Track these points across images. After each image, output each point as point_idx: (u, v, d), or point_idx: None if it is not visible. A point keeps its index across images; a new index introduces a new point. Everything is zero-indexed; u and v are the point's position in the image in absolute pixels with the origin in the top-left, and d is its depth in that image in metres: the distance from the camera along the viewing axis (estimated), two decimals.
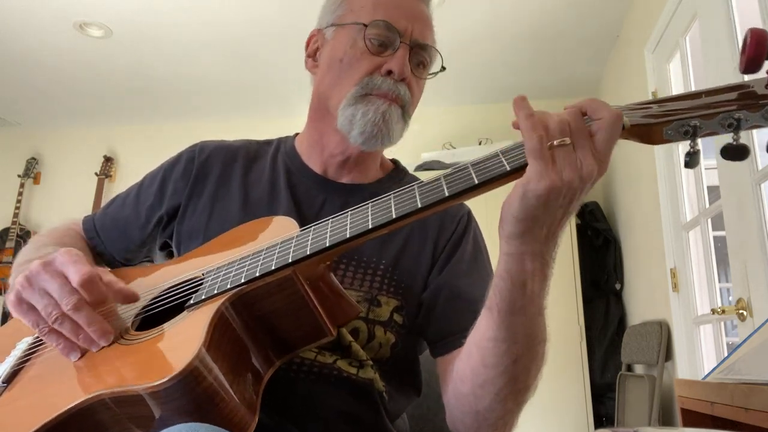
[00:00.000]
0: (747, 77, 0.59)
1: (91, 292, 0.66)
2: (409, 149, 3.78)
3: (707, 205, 2.08)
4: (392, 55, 0.86)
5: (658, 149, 2.46)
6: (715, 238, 2.08)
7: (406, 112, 0.89)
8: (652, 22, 2.46)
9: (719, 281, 2.13)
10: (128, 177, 4.07)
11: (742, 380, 1.00)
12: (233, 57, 3.31)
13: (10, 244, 3.92)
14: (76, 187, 4.12)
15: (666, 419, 2.38)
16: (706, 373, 1.34)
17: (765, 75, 0.58)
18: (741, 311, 1.68)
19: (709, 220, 2.08)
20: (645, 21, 2.61)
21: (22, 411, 0.64)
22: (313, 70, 0.95)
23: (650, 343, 2.50)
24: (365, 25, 0.87)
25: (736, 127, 0.57)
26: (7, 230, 4.00)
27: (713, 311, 1.89)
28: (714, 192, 1.95)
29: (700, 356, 2.17)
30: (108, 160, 4.12)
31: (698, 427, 1.17)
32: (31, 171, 4.18)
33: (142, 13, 2.91)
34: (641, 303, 2.96)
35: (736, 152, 0.58)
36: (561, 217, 0.59)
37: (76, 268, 0.67)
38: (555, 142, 0.56)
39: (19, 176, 4.14)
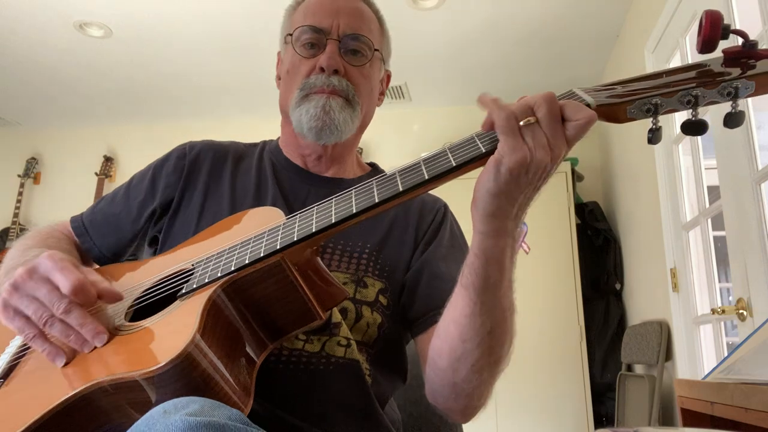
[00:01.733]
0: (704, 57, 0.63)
1: (82, 296, 0.67)
2: (409, 149, 3.79)
3: (707, 205, 2.08)
4: (323, 53, 0.93)
5: (658, 149, 2.46)
6: (715, 238, 2.08)
7: (351, 101, 0.94)
8: (652, 22, 2.46)
9: (719, 281, 2.13)
10: (128, 177, 4.05)
11: (742, 380, 1.00)
12: (233, 57, 3.31)
13: (10, 244, 3.92)
14: (76, 187, 4.12)
15: (666, 419, 2.39)
16: (706, 373, 1.34)
17: (721, 54, 0.62)
18: (741, 311, 1.68)
19: (709, 220, 2.08)
20: (645, 21, 2.61)
21: (21, 403, 0.65)
22: (279, 88, 1.03)
23: (650, 343, 2.50)
24: (291, 35, 0.96)
25: (694, 104, 0.60)
26: (7, 230, 4.00)
27: (713, 311, 1.89)
28: (714, 192, 1.95)
29: (700, 356, 2.17)
30: (108, 160, 4.12)
31: (698, 427, 1.17)
32: (31, 171, 4.18)
33: (142, 13, 2.91)
34: (641, 303, 2.96)
35: (695, 127, 0.61)
36: (530, 194, 0.63)
37: (63, 274, 0.67)
38: (522, 122, 0.60)
39: (19, 176, 4.14)
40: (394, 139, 3.82)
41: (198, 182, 0.97)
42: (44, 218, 4.13)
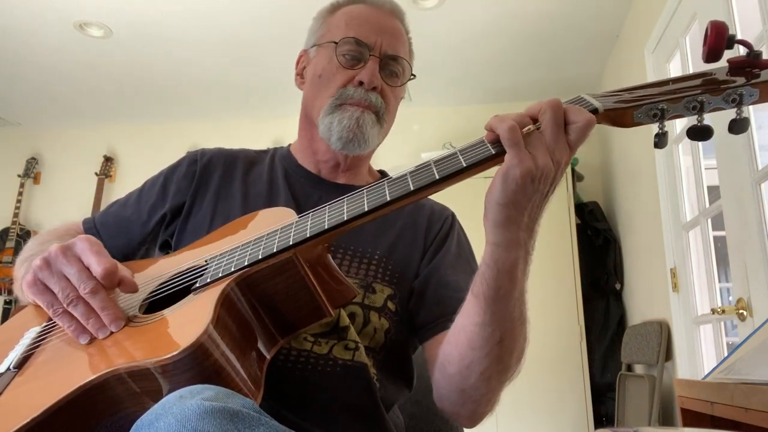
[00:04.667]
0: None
1: (110, 281, 0.69)
2: (409, 149, 3.78)
3: (707, 205, 2.08)
4: (363, 67, 0.95)
5: (658, 149, 2.46)
6: (715, 238, 2.08)
7: (381, 118, 0.97)
8: (652, 22, 2.46)
9: (719, 281, 2.13)
10: (128, 177, 4.07)
11: (742, 380, 1.00)
12: (233, 57, 3.31)
13: (10, 244, 3.92)
14: (76, 187, 4.12)
15: (666, 419, 2.39)
16: (706, 373, 1.34)
17: (726, 64, 0.64)
18: (741, 311, 1.68)
19: (709, 220, 2.08)
20: (645, 21, 2.61)
21: (36, 391, 0.65)
22: (301, 87, 1.05)
23: (650, 343, 2.50)
24: (336, 43, 0.96)
25: (699, 110, 0.62)
26: (7, 230, 4.00)
27: (713, 311, 1.89)
28: (714, 192, 1.95)
29: (700, 356, 2.17)
30: (108, 160, 4.12)
31: (698, 427, 1.17)
32: (31, 171, 4.18)
33: (142, 13, 2.91)
34: (641, 303, 2.96)
35: (700, 132, 0.63)
36: (539, 203, 0.64)
37: (97, 257, 0.69)
38: (524, 130, 0.61)
39: (19, 176, 4.14)
40: (394, 139, 3.78)
41: (209, 187, 0.99)
42: (44, 218, 4.13)
